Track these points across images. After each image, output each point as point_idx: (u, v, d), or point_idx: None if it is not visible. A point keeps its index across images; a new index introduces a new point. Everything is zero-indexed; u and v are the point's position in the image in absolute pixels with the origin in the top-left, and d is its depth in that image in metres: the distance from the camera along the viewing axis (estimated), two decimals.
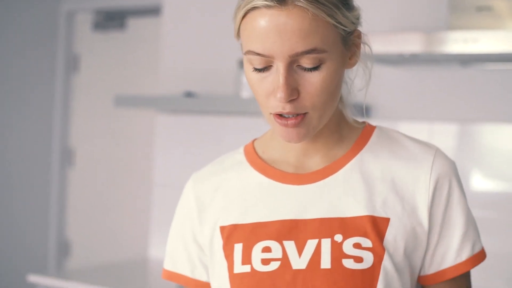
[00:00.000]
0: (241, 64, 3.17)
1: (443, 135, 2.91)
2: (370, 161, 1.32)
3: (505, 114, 2.81)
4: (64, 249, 4.34)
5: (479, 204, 2.78)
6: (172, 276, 1.43)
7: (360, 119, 1.40)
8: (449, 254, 1.30)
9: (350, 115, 1.37)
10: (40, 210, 4.39)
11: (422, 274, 1.32)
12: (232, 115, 3.44)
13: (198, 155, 3.53)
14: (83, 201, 4.30)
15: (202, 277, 1.40)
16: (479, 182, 2.86)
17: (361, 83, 1.35)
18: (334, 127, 1.34)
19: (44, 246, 4.39)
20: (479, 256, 1.32)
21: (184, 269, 1.41)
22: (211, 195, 1.39)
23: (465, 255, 1.30)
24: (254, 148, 1.41)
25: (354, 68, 1.32)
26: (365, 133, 1.36)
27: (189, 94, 3.38)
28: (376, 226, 1.26)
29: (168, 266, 1.44)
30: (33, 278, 3.21)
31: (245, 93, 3.18)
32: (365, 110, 1.39)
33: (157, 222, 3.69)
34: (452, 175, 1.31)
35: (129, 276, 3.42)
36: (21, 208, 4.32)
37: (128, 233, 4.02)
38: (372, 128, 1.38)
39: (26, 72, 4.34)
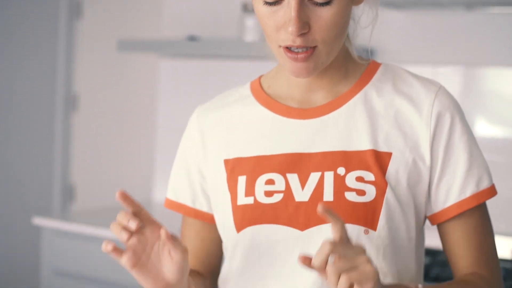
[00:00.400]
0: (244, 7, 3.15)
1: (447, 79, 2.91)
2: (373, 96, 1.32)
3: (510, 58, 2.80)
4: (68, 193, 4.36)
5: (483, 148, 2.78)
6: (174, 205, 1.44)
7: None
8: (453, 191, 1.30)
9: (356, 52, 1.37)
10: (45, 155, 4.40)
11: (429, 213, 1.33)
12: (236, 59, 3.43)
13: (201, 99, 3.50)
14: (87, 146, 4.31)
15: (203, 207, 1.40)
16: (483, 126, 2.86)
17: (367, 21, 1.35)
18: (340, 64, 1.34)
19: (48, 191, 4.41)
20: (486, 193, 1.31)
21: (185, 199, 1.42)
22: (215, 128, 1.39)
23: (469, 192, 1.29)
24: (260, 84, 1.41)
25: (360, 6, 1.32)
26: (370, 69, 1.36)
27: (192, 38, 3.36)
28: (379, 160, 1.27)
29: (170, 195, 1.45)
30: (38, 221, 3.24)
31: (249, 37, 3.17)
32: (370, 50, 1.39)
33: (161, 166, 3.71)
34: (454, 111, 1.31)
35: None
36: (26, 153, 4.33)
37: (132, 177, 4.04)
38: (377, 65, 1.37)
39: (29, 19, 4.31)
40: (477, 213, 1.32)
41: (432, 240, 1.38)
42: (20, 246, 4.26)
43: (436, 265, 2.47)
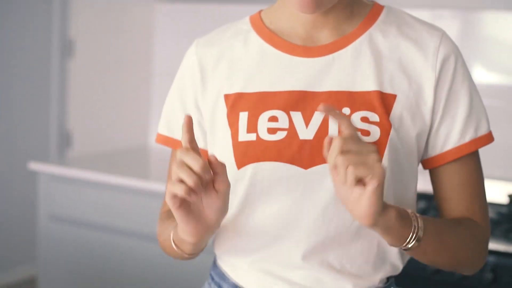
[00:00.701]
0: None
1: (446, 23, 2.89)
2: (378, 38, 1.32)
3: (510, 2, 2.77)
4: (65, 139, 4.36)
5: (481, 94, 2.77)
6: (167, 141, 1.41)
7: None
8: (452, 135, 1.30)
9: None
10: (41, 101, 4.39)
11: (425, 157, 1.33)
12: (233, 3, 3.39)
13: None
14: (83, 91, 4.29)
15: (199, 143, 1.36)
16: (481, 72, 2.85)
17: None
18: (346, 3, 1.32)
19: (45, 137, 4.41)
20: (484, 139, 1.32)
21: (180, 134, 1.37)
22: (215, 62, 1.36)
23: (468, 137, 1.30)
24: (261, 18, 1.38)
25: None
26: (374, 11, 1.35)
27: None
28: (384, 102, 1.26)
29: (163, 130, 1.42)
30: (34, 166, 3.23)
31: None
32: None
33: (157, 111, 3.70)
34: (458, 56, 1.31)
35: (130, 163, 3.45)
36: (22, 99, 4.32)
37: (129, 122, 4.03)
38: (380, 7, 1.37)
39: None
40: (472, 159, 1.33)
41: (428, 184, 1.38)
42: (16, 191, 4.27)
43: (432, 209, 2.48)
